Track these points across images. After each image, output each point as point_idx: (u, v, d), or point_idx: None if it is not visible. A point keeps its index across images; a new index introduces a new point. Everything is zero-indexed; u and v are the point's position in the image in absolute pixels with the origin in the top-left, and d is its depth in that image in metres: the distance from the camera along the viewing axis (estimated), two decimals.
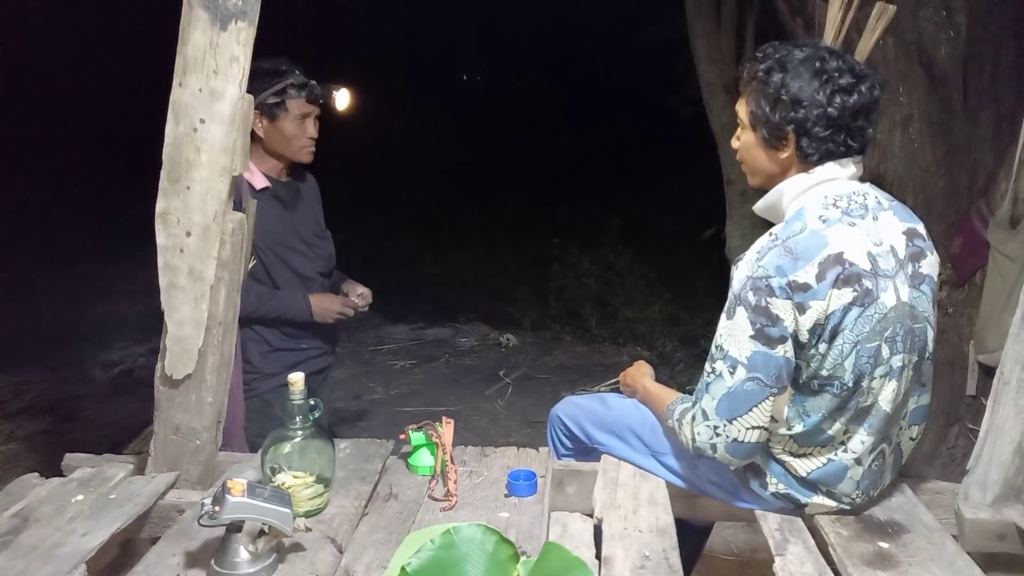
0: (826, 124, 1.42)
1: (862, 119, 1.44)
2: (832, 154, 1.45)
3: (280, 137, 2.18)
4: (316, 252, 2.33)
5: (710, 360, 1.47)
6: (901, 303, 1.44)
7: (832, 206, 1.44)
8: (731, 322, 1.43)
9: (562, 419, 1.91)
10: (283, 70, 2.14)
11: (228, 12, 1.51)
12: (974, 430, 2.20)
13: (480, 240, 8.46)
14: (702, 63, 4.80)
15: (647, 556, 1.39)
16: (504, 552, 1.28)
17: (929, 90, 2.78)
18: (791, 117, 1.43)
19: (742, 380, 1.41)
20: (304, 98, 2.16)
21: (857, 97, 1.41)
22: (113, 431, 3.77)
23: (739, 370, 1.41)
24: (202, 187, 1.57)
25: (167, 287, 1.61)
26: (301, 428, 1.52)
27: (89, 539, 1.39)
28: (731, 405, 1.42)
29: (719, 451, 1.46)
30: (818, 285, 1.36)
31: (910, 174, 2.79)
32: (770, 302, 1.37)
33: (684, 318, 5.64)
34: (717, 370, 1.45)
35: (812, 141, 1.44)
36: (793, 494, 1.54)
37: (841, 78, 1.41)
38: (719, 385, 1.44)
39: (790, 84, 1.42)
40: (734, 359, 1.42)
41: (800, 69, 1.42)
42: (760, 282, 1.38)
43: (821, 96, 1.40)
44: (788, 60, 1.44)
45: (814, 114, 1.41)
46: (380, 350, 5.51)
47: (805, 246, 1.39)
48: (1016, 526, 1.47)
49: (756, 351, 1.40)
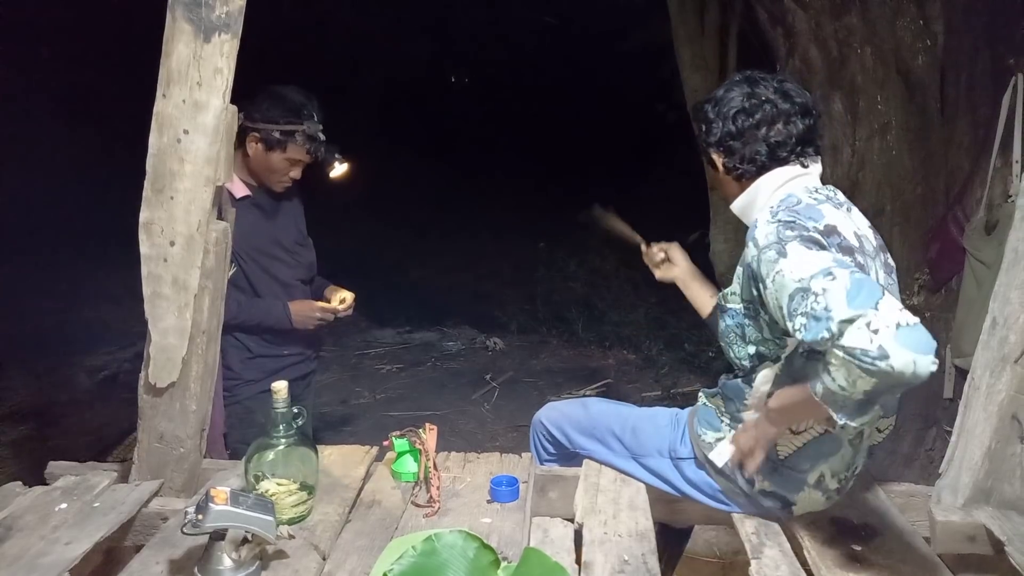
0: (764, 136, 1.54)
1: (802, 123, 1.54)
2: (782, 160, 1.55)
3: (265, 165, 2.20)
4: (297, 260, 2.35)
5: (803, 297, 1.26)
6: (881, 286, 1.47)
7: (816, 191, 1.53)
8: (790, 258, 1.32)
9: (545, 424, 1.93)
10: (304, 114, 2.15)
11: (212, 24, 1.53)
12: (951, 432, 2.24)
13: (467, 244, 8.47)
14: (686, 69, 4.83)
15: (626, 560, 1.42)
16: (485, 558, 1.30)
17: (906, 98, 2.83)
18: (729, 145, 1.57)
19: (848, 273, 1.24)
20: (306, 149, 2.18)
21: (788, 107, 1.53)
22: (97, 436, 3.75)
23: (837, 271, 1.25)
24: (186, 197, 1.59)
25: (151, 296, 1.62)
26: (284, 436, 1.54)
27: (73, 548, 1.40)
28: (862, 294, 1.20)
29: (893, 350, 1.13)
30: (828, 239, 1.40)
31: (888, 181, 2.83)
32: (811, 233, 1.38)
33: (670, 321, 5.67)
34: (818, 289, 1.24)
35: (755, 153, 1.54)
36: (781, 492, 1.56)
37: (767, 106, 1.54)
38: (833, 293, 1.22)
39: (725, 116, 1.58)
40: (824, 268, 1.26)
41: (732, 99, 1.57)
42: (791, 223, 1.40)
43: (754, 119, 1.54)
44: (719, 101, 1.59)
45: (749, 132, 1.55)
46: (367, 354, 5.51)
47: (808, 212, 1.45)
48: (985, 528, 1.51)
49: (835, 256, 1.32)
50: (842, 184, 2.60)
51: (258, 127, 2.13)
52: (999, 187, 2.44)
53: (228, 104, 1.57)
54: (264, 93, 2.17)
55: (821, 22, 2.87)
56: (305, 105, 2.16)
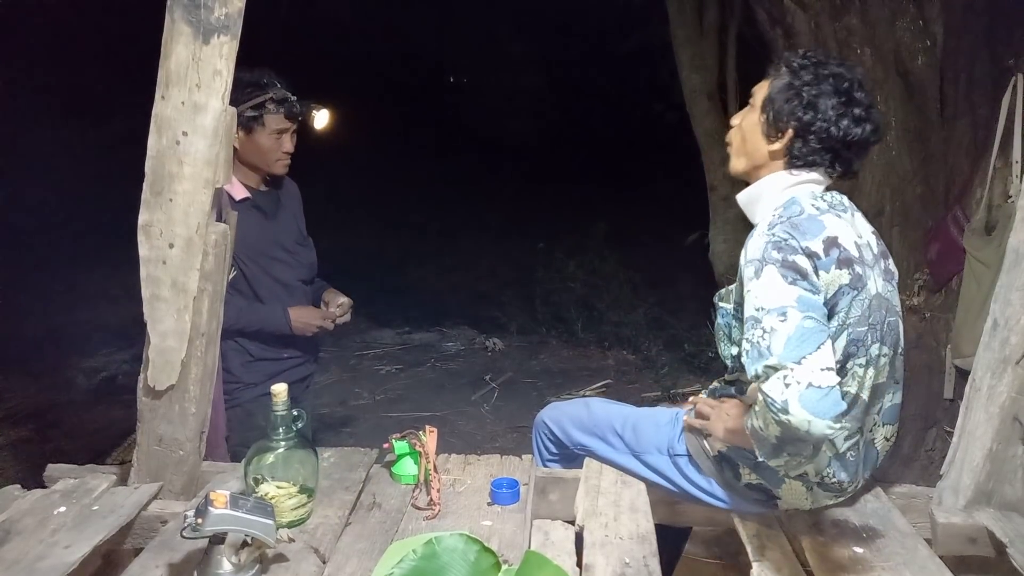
0: (821, 138, 1.50)
1: (853, 151, 1.53)
2: (814, 165, 1.53)
3: (255, 150, 2.17)
4: (298, 260, 2.34)
5: (753, 326, 1.36)
6: (879, 295, 1.50)
7: (820, 199, 1.52)
8: (761, 281, 1.38)
9: (547, 424, 1.93)
10: (264, 83, 2.13)
11: (211, 26, 1.53)
12: (951, 433, 2.24)
13: (466, 244, 8.46)
14: (685, 70, 4.83)
15: (627, 563, 1.41)
16: (486, 561, 1.29)
17: (906, 98, 2.83)
18: (799, 116, 1.50)
19: (799, 320, 1.32)
20: (282, 114, 2.15)
21: (860, 132, 1.50)
22: (96, 438, 3.74)
23: (791, 313, 1.32)
24: (185, 199, 1.58)
25: (150, 299, 1.61)
26: (284, 438, 1.53)
27: (72, 551, 1.39)
28: (796, 346, 1.29)
29: (793, 408, 1.24)
30: (825, 258, 1.42)
31: (887, 181, 2.84)
32: (795, 258, 1.39)
33: (669, 322, 5.67)
34: (767, 326, 1.33)
35: (804, 146, 1.51)
36: (766, 484, 1.56)
37: (857, 108, 1.49)
38: (777, 336, 1.31)
39: (813, 88, 1.50)
40: (781, 307, 1.34)
41: (830, 81, 1.50)
42: (781, 243, 1.41)
43: (832, 113, 1.49)
44: (823, 68, 1.52)
45: (818, 124, 1.49)
46: (366, 355, 5.50)
47: (808, 226, 1.45)
48: (987, 530, 1.51)
49: (800, 295, 1.35)
50: (842, 185, 2.60)
51: None
52: (999, 188, 2.44)
53: (227, 106, 1.57)
54: None
55: (820, 23, 2.87)
56: (261, 75, 2.14)
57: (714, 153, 4.86)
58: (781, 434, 1.29)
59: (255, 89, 2.12)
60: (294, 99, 2.17)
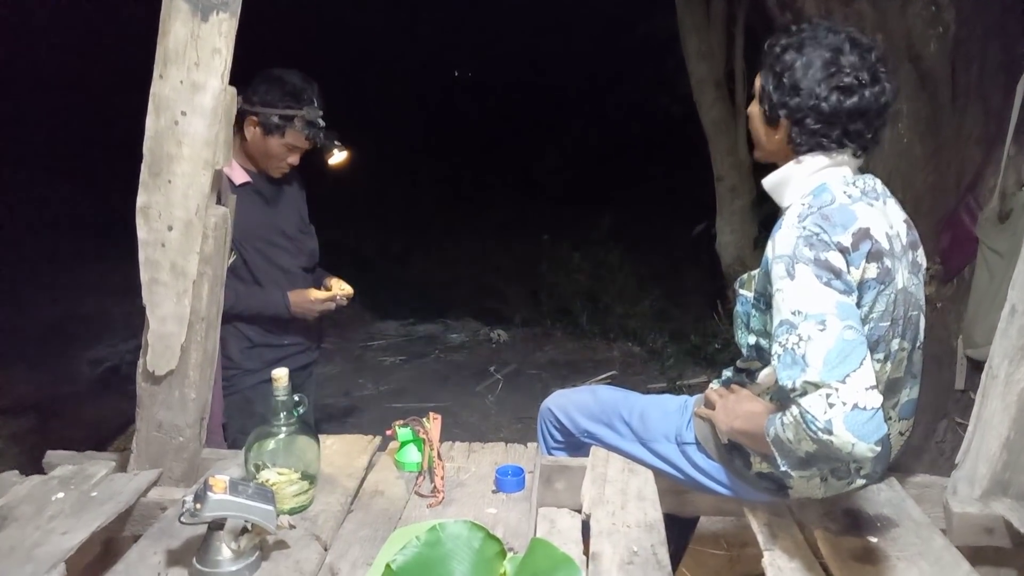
0: (817, 118, 1.41)
1: (860, 122, 1.41)
2: (823, 147, 1.44)
3: (264, 150, 2.16)
4: (299, 247, 2.31)
5: (789, 331, 1.27)
6: (904, 288, 1.45)
7: (852, 185, 1.44)
8: (796, 282, 1.29)
9: (552, 411, 1.90)
10: (304, 99, 2.11)
11: (209, 3, 1.49)
12: (962, 424, 2.20)
13: (471, 237, 8.44)
14: (692, 59, 4.79)
15: (635, 552, 1.38)
16: (491, 549, 1.26)
17: (918, 86, 2.79)
18: (786, 102, 1.42)
19: (840, 330, 1.23)
20: (305, 135, 2.14)
21: (857, 100, 1.39)
22: (99, 428, 3.73)
23: (831, 322, 1.24)
24: (184, 181, 1.55)
25: (149, 283, 1.58)
26: (285, 424, 1.50)
27: (69, 538, 1.36)
28: (839, 362, 1.20)
29: (837, 429, 1.16)
30: (854, 253, 1.35)
31: (899, 170, 2.80)
32: (828, 256, 1.32)
33: (674, 313, 5.64)
34: (805, 334, 1.24)
35: (803, 131, 1.43)
36: (776, 473, 1.52)
37: (847, 76, 1.38)
38: (816, 347, 1.22)
39: (796, 69, 1.41)
40: (819, 314, 1.25)
41: (813, 56, 1.40)
42: (813, 238, 1.33)
43: (820, 89, 1.39)
44: (808, 43, 1.41)
45: (808, 105, 1.40)
46: (370, 346, 5.48)
47: (840, 216, 1.37)
48: (1004, 520, 1.48)
49: (839, 300, 1.27)
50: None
51: (256, 111, 2.09)
52: (1012, 176, 2.39)
53: (227, 85, 1.54)
54: (263, 76, 2.13)
55: (831, 8, 2.83)
56: (305, 90, 2.12)
57: (721, 143, 4.82)
58: (816, 451, 1.21)
59: (292, 101, 2.10)
60: (322, 126, 2.14)
